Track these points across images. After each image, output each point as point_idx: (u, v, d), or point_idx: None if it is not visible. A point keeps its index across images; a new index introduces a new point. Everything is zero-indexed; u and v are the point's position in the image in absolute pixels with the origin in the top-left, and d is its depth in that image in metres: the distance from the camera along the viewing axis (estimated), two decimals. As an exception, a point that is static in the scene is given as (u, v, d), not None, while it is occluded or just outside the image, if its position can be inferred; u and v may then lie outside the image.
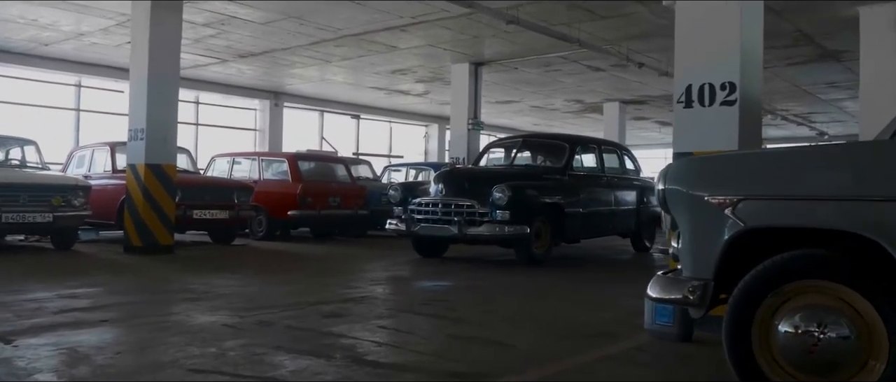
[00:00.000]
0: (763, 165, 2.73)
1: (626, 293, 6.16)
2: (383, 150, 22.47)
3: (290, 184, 11.38)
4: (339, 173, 12.42)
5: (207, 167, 12.95)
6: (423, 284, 6.68)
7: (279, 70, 15.01)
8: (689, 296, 2.77)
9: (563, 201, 8.55)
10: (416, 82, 16.18)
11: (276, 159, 12.15)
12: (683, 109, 4.50)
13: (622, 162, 10.61)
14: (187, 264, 7.81)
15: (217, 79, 16.17)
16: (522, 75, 15.00)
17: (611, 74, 14.63)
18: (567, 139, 9.75)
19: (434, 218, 8.20)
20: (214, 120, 17.95)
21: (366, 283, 6.41)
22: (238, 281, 6.28)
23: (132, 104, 8.97)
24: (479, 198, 7.98)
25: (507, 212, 7.78)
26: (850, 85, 15.49)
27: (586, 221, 9.00)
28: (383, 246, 10.78)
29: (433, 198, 8.30)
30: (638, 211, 10.40)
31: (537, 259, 8.20)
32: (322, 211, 11.39)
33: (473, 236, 7.98)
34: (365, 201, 12.21)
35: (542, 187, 8.52)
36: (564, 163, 9.11)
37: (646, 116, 21.41)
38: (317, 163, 12.34)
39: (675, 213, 2.90)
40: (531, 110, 20.39)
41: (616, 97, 17.94)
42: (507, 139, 10.27)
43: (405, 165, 15.65)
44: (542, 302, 5.57)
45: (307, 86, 17.20)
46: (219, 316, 4.52)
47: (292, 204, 11.13)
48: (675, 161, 3.00)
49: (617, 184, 10.03)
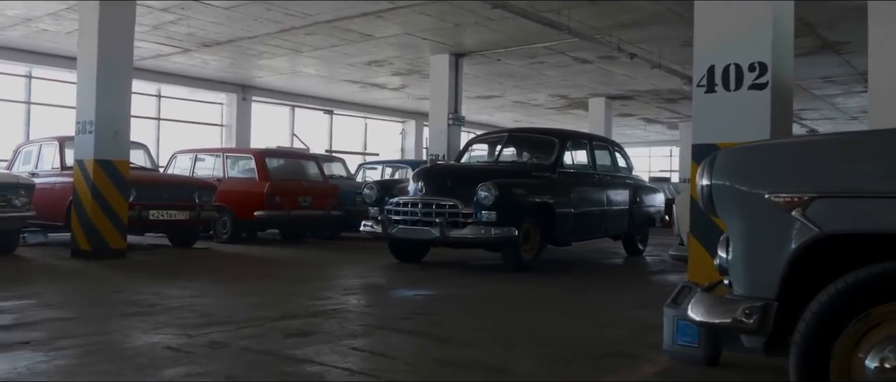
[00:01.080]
0: (845, 153, 2.19)
1: (628, 303, 5.64)
2: (358, 148, 21.84)
3: (256, 182, 10.75)
4: (309, 171, 11.79)
5: (168, 164, 12.27)
6: (402, 293, 6.10)
7: (246, 61, 14.33)
8: (745, 321, 2.22)
9: (554, 201, 8.03)
10: (393, 75, 15.59)
11: (242, 156, 11.49)
12: (704, 94, 3.98)
13: (614, 159, 10.12)
14: (139, 270, 7.15)
15: (180, 71, 15.44)
16: (505, 67, 14.47)
17: (598, 67, 14.17)
18: (556, 134, 9.23)
19: (413, 220, 7.64)
20: (178, 114, 17.19)
21: (338, 293, 5.82)
22: (193, 291, 5.65)
23: (80, 94, 8.28)
24: (462, 198, 7.43)
25: (493, 213, 7.24)
26: (846, 80, 15.22)
27: (578, 223, 8.49)
28: (358, 250, 10.18)
29: (412, 198, 7.74)
30: (631, 212, 9.93)
31: (526, 264, 7.68)
32: (291, 212, 10.77)
33: (457, 239, 7.42)
34: (338, 201, 11.63)
35: (531, 186, 7.99)
36: (554, 159, 8.59)
37: (631, 113, 21.02)
38: (286, 161, 11.72)
39: (725, 216, 2.36)
40: (513, 106, 19.89)
41: (602, 92, 17.49)
42: (491, 134, 9.73)
43: (381, 163, 15.06)
44: (537, 315, 5.03)
45: (277, 79, 16.52)
46: (162, 336, 3.90)
47: (259, 205, 10.51)
48: (725, 149, 2.45)
49: (609, 182, 9.54)
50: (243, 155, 11.52)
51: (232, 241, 10.72)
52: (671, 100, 18.62)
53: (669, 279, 7.46)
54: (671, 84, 15.42)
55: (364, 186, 8.37)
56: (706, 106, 3.99)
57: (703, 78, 4.00)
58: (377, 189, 8.17)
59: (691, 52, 12.01)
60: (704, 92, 3.99)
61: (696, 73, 4.02)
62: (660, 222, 11.09)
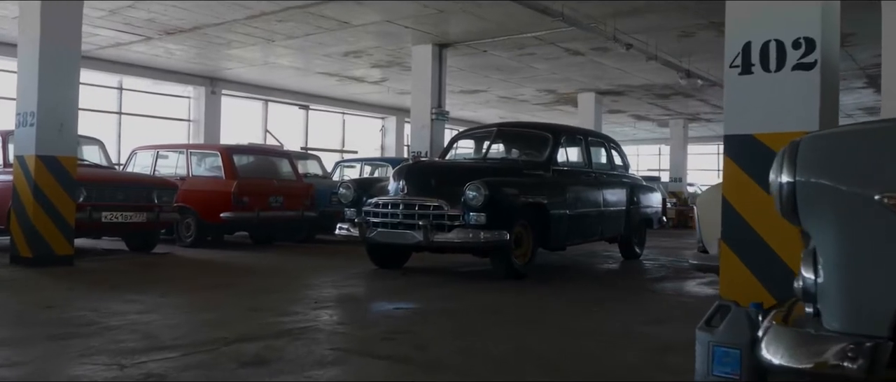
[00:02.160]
0: None
1: (637, 317, 5.10)
2: (335, 145, 21.20)
3: (223, 181, 10.10)
4: (281, 169, 11.16)
5: (127, 162, 11.57)
6: (382, 307, 5.51)
7: (214, 51, 13.64)
8: (849, 366, 1.67)
9: (548, 201, 7.49)
10: (372, 67, 14.98)
11: (208, 152, 10.82)
12: (739, 77, 3.45)
13: (610, 156, 9.61)
14: (84, 280, 6.49)
15: (143, 62, 14.71)
16: (492, 60, 13.91)
17: (590, 59, 13.66)
18: (550, 129, 8.69)
19: (394, 222, 7.05)
20: (142, 109, 16.44)
21: (308, 306, 5.21)
22: (140, 306, 5.02)
23: (21, 82, 7.58)
24: (448, 198, 6.85)
25: (482, 215, 6.67)
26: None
27: (573, 225, 7.95)
28: (333, 254, 9.57)
29: (393, 198, 7.15)
30: (628, 213, 9.42)
31: (518, 271, 7.12)
32: (261, 213, 10.13)
33: (442, 244, 6.84)
34: (312, 201, 11.02)
35: (523, 185, 7.44)
36: (547, 156, 8.05)
37: (621, 109, 20.57)
38: (255, 157, 11.07)
39: (814, 223, 1.81)
40: (498, 101, 19.36)
41: (593, 87, 17.01)
42: (478, 128, 9.16)
43: (360, 161, 14.43)
44: (536, 332, 4.46)
45: (248, 71, 15.84)
46: (91, 367, 3.29)
47: (225, 205, 9.87)
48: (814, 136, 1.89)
49: (605, 181, 9.02)
50: (209, 151, 10.85)
51: (196, 245, 10.07)
52: (664, 96, 18.19)
53: (674, 287, 6.94)
54: (666, 78, 14.96)
55: (339, 185, 7.77)
56: (741, 90, 3.45)
57: (736, 57, 3.46)
58: (354, 188, 7.57)
59: (689, 43, 11.51)
60: (739, 73, 3.45)
61: (729, 52, 3.47)
62: (658, 223, 10.59)
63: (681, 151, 23.30)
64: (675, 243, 13.29)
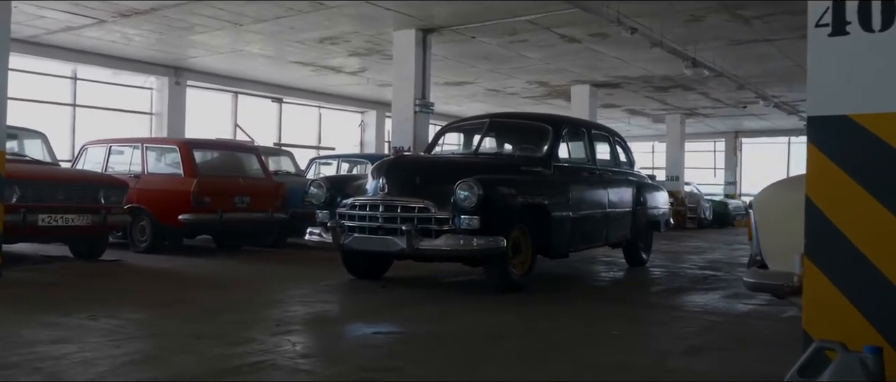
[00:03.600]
0: None
1: (666, 342, 4.34)
2: (312, 141, 20.31)
3: (181, 179, 9.24)
4: (248, 166, 10.29)
5: (77, 158, 10.65)
6: (358, 331, 4.70)
7: (177, 36, 12.73)
8: None
9: (549, 202, 6.71)
10: (350, 55, 14.12)
11: (165, 147, 9.94)
12: (828, 38, 2.66)
13: (614, 151, 8.85)
14: (4, 297, 5.61)
15: (99, 49, 13.76)
16: (480, 47, 13.11)
17: (586, 47, 12.90)
18: (550, 120, 7.93)
19: (373, 227, 6.24)
20: (99, 101, 15.47)
21: (267, 331, 4.38)
22: (59, 332, 4.17)
23: (-61, 64, 6.67)
24: (435, 199, 6.06)
25: (475, 218, 5.88)
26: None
27: (577, 229, 7.18)
28: (305, 261, 8.74)
29: (371, 198, 6.34)
30: (634, 215, 8.68)
31: (516, 282, 6.34)
32: (224, 215, 9.27)
33: (428, 253, 6.05)
34: (283, 202, 10.18)
35: (522, 183, 6.65)
36: (547, 151, 7.28)
37: (616, 103, 19.87)
38: (219, 153, 10.20)
39: None
40: (486, 94, 18.57)
41: (588, 78, 16.26)
42: (468, 120, 8.36)
43: (337, 158, 13.59)
44: (549, 367, 3.67)
45: (216, 60, 14.93)
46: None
47: (184, 206, 9.01)
48: None
49: (610, 179, 8.26)
50: (166, 146, 9.96)
51: (152, 251, 9.20)
52: (662, 89, 17.49)
53: (697, 302, 6.17)
54: (668, 68, 14.26)
55: (310, 183, 6.94)
56: (831, 57, 2.67)
57: (825, 13, 2.67)
58: (327, 187, 6.74)
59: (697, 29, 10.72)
60: (828, 35, 2.67)
61: (816, 6, 2.69)
62: (665, 226, 9.85)
63: (678, 148, 22.64)
64: (676, 246, 12.58)
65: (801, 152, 27.15)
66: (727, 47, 12.53)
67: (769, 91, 16.86)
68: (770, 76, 15.26)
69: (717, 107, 20.51)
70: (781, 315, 5.44)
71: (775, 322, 5.20)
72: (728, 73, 14.23)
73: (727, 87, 16.18)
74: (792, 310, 5.48)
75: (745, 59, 13.49)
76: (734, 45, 12.42)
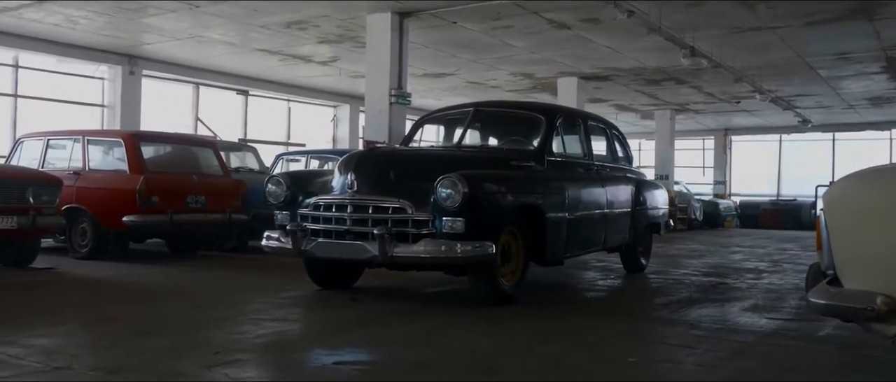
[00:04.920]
0: None
1: (693, 371, 3.62)
2: (280, 137, 19.45)
3: (126, 176, 8.41)
4: (204, 162, 9.47)
5: (11, 153, 9.76)
6: (318, 360, 3.93)
7: (127, 19, 11.84)
8: None
9: (544, 202, 6.00)
10: (320, 42, 13.30)
11: (109, 140, 9.09)
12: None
13: (612, 146, 8.15)
14: None
15: (42, 33, 12.82)
16: (461, 34, 12.35)
17: (576, 34, 12.19)
18: (543, 109, 7.24)
19: (339, 230, 5.48)
20: (44, 91, 14.50)
21: (203, 361, 3.61)
22: (-63, 366, 3.37)
23: None
24: (413, 198, 5.33)
25: (459, 220, 5.16)
26: (864, 57, 13.71)
27: (574, 232, 6.47)
28: (266, 269, 7.96)
29: (338, 197, 5.59)
30: (633, 216, 7.99)
31: (506, 294, 5.62)
32: (176, 216, 8.45)
33: (405, 261, 5.31)
34: (243, 201, 9.36)
35: (513, 180, 5.92)
36: (540, 144, 6.59)
37: (604, 97, 19.22)
38: (170, 147, 9.39)
39: None
40: (467, 87, 17.82)
41: (575, 70, 15.57)
42: (451, 109, 7.60)
43: (306, 154, 12.74)
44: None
45: (174, 48, 14.02)
46: None
47: (129, 206, 8.19)
48: None
49: (608, 176, 7.57)
50: (110, 139, 9.10)
51: (94, 256, 8.37)
52: (654, 82, 16.87)
53: (714, 317, 5.48)
54: (662, 59, 13.63)
55: (267, 180, 6.15)
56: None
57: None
58: (287, 184, 5.96)
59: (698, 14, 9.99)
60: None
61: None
62: (665, 228, 9.18)
63: (667, 145, 22.05)
64: (670, 250, 11.93)
65: (793, 150, 26.99)
66: (727, 36, 11.90)
67: (766, 85, 16.29)
68: (768, 68, 14.68)
69: (710, 102, 19.96)
70: (817, 333, 4.77)
71: (814, 343, 4.52)
72: (726, 65, 13.62)
73: (723, 80, 15.59)
74: (827, 327, 4.82)
75: (744, 48, 12.89)
76: (735, 33, 11.80)
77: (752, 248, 13.20)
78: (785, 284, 7.59)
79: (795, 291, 6.94)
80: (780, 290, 7.03)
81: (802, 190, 25.18)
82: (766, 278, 8.17)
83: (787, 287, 7.33)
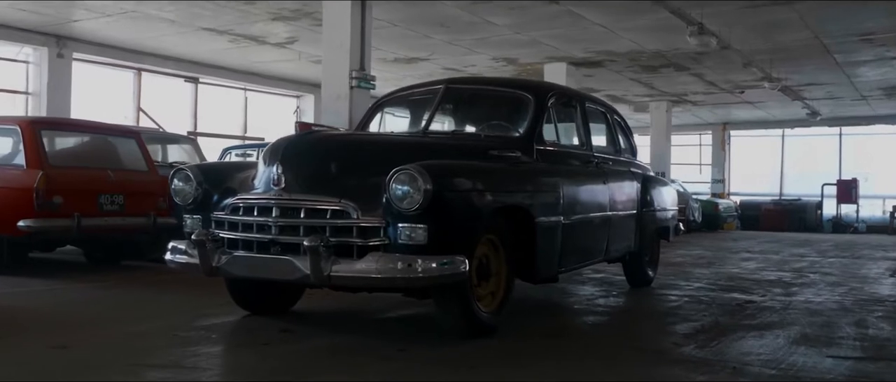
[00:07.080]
0: None
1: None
2: (237, 130, 18.17)
3: (22, 172, 7.14)
4: (125, 155, 8.20)
5: None
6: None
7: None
8: None
9: (533, 202, 4.83)
10: (274, 20, 12.08)
11: (2, 128, 7.79)
12: None
13: (613, 135, 7.00)
14: None
15: (-51, 8, 11.51)
16: (435, 9, 11.17)
17: (566, 10, 11.04)
18: (531, 87, 6.06)
19: (262, 241, 4.27)
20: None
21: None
22: None
23: None
24: (359, 197, 4.14)
25: (420, 228, 3.98)
26: (886, 39, 12.69)
27: (571, 240, 5.31)
28: (190, 284, 6.68)
29: (262, 197, 4.38)
30: (639, 219, 6.85)
31: (484, 324, 4.44)
32: (85, 220, 7.19)
33: (347, 281, 4.11)
34: (172, 203, 8.07)
35: (492, 174, 4.72)
36: (527, 129, 5.42)
37: (595, 87, 18.08)
38: (80, 137, 8.11)
39: None
40: (442, 74, 16.61)
41: (564, 54, 14.43)
42: (417, 88, 6.38)
43: (257, 146, 11.51)
44: None
45: (108, 26, 12.74)
46: None
47: (25, 209, 6.93)
48: None
49: (611, 171, 6.40)
50: (4, 127, 7.80)
51: (-16, 270, 7.10)
52: (651, 69, 15.79)
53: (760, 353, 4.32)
54: (662, 41, 12.57)
55: (172, 174, 4.93)
56: None
57: None
58: (198, 179, 4.74)
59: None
60: None
61: None
62: (675, 233, 8.04)
63: (664, 140, 21.02)
64: (672, 256, 10.86)
65: (796, 146, 26.02)
66: (739, 11, 10.80)
67: (775, 72, 15.26)
68: (780, 51, 13.63)
69: (710, 92, 18.92)
70: None
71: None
72: (734, 47, 12.56)
73: (729, 66, 14.56)
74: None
75: (756, 28, 11.83)
76: (748, 8, 10.70)
77: (763, 254, 12.15)
78: (826, 302, 6.47)
79: (844, 313, 5.82)
80: (824, 312, 5.90)
81: (807, 188, 24.29)
82: (798, 293, 7.06)
83: (831, 307, 6.20)
